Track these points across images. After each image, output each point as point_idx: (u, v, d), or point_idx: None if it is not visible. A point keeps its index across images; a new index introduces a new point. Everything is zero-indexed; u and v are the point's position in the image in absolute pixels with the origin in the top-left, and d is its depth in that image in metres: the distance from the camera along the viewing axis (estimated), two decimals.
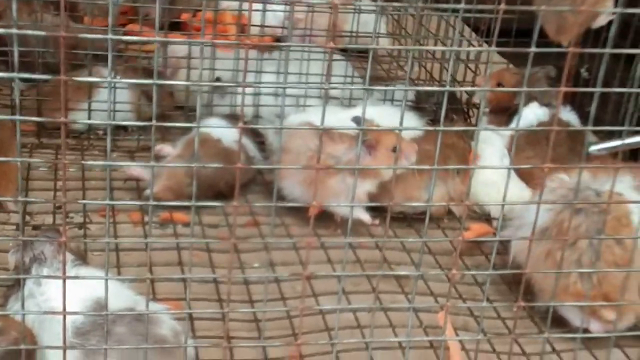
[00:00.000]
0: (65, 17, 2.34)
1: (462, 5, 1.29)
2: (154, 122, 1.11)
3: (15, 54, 1.01)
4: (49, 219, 1.94)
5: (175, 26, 2.85)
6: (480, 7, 2.20)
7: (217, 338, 1.52)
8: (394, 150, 1.87)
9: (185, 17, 2.87)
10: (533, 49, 1.18)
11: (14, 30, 0.98)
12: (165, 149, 2.12)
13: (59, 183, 2.07)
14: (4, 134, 1.86)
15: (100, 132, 2.36)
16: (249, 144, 2.18)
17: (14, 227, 1.89)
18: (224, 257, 1.82)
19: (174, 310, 1.45)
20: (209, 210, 2.02)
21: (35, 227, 1.90)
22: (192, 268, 1.74)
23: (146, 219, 1.95)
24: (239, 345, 1.53)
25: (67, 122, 1.05)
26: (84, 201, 2.04)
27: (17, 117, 1.06)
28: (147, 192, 2.02)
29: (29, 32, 1.42)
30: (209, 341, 1.51)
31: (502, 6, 1.13)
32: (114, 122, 1.92)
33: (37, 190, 2.05)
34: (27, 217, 1.94)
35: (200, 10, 2.77)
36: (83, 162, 1.85)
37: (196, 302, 1.65)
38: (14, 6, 0.99)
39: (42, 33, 1.19)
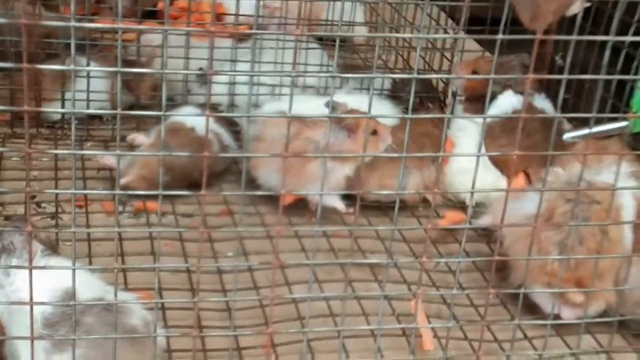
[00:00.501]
0: (37, 5, 2.33)
1: None
2: (119, 111, 1.11)
3: None
4: (21, 210, 1.93)
5: (152, 14, 2.83)
6: None
7: (188, 328, 1.52)
8: (372, 133, 1.87)
9: (161, 5, 2.85)
10: (500, 36, 1.18)
11: None
12: (139, 138, 2.11)
13: (32, 173, 2.05)
14: None
15: (75, 122, 2.34)
16: (223, 133, 2.17)
17: None
18: (197, 246, 1.81)
19: (144, 299, 1.44)
20: (183, 200, 2.01)
21: (6, 218, 1.89)
22: (164, 257, 1.75)
23: (119, 208, 1.94)
24: (209, 334, 1.53)
25: (29, 111, 1.04)
26: (50, 191, 2.02)
27: None
28: (122, 181, 2.01)
29: None
30: (179, 331, 1.51)
31: None
32: (77, 111, 1.90)
33: (9, 180, 2.03)
34: None
35: None
36: (49, 151, 1.83)
37: (169, 291, 1.65)
38: None
39: (4, 20, 1.18)
